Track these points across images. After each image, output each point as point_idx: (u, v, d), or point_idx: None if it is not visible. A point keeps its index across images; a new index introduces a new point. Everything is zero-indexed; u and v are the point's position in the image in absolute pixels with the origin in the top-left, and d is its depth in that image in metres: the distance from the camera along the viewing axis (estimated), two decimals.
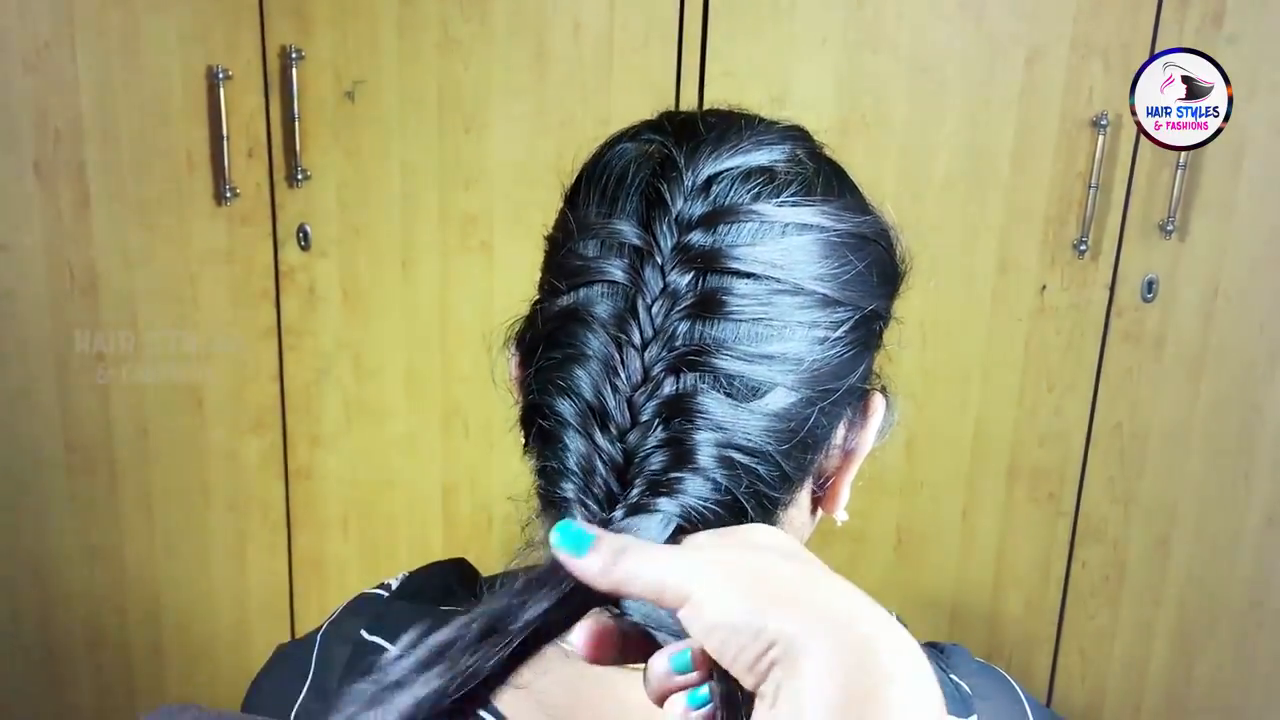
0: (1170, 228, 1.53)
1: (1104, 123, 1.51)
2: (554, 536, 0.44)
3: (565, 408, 0.51)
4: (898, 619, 0.73)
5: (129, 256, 1.66)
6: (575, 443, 0.51)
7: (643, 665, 0.57)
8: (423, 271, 1.67)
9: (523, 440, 0.56)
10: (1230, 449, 1.63)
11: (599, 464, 0.50)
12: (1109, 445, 1.65)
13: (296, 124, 1.60)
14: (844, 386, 0.54)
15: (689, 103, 1.55)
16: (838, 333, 0.52)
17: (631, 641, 0.47)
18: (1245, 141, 1.51)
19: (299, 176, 1.62)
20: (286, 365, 1.72)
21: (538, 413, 0.53)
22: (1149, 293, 1.58)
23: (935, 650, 0.67)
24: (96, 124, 1.61)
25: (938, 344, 1.62)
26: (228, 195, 1.63)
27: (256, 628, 1.82)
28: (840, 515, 0.59)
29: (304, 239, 1.66)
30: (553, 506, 0.52)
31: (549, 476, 0.52)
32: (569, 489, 0.51)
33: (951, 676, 0.64)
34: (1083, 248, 1.56)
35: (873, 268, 0.55)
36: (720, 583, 0.41)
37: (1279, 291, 1.56)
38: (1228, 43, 1.48)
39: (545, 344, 0.53)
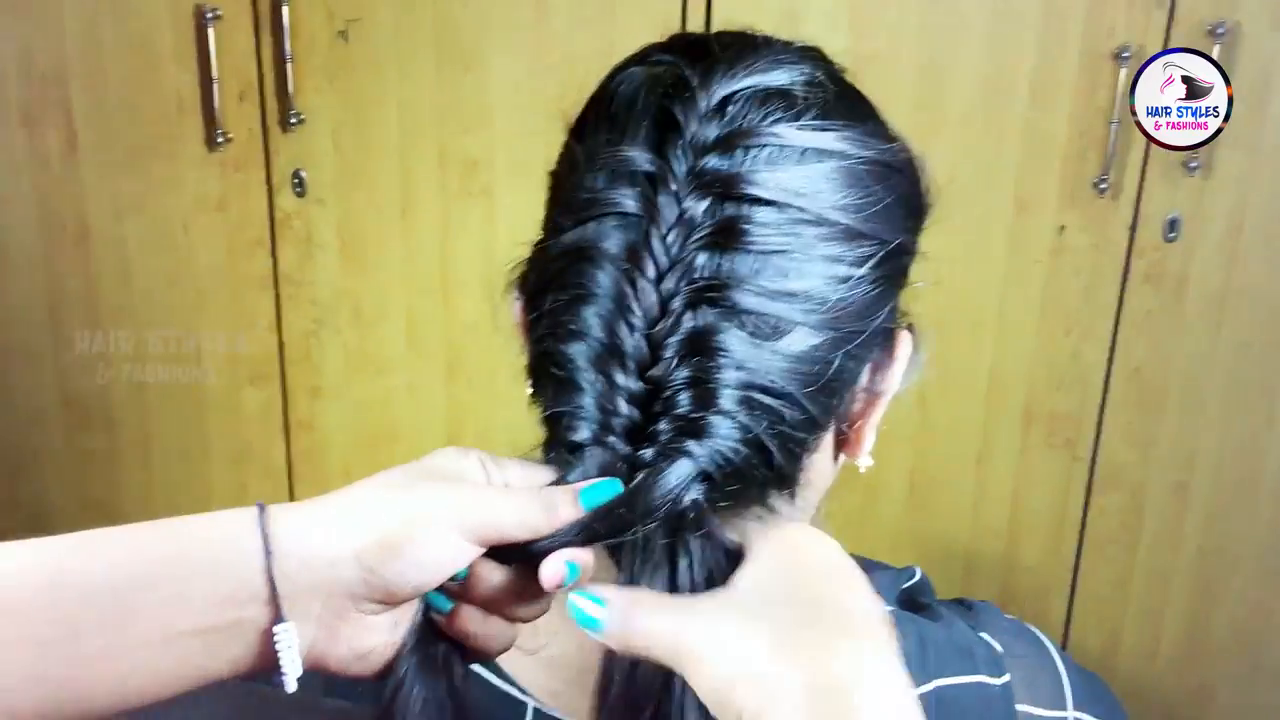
0: (1194, 165, 1.48)
1: (1126, 56, 1.45)
2: (570, 610, 0.44)
3: (578, 350, 0.48)
4: (919, 571, 0.70)
5: (119, 205, 1.62)
6: (592, 384, 0.48)
7: None
8: (422, 218, 1.62)
9: (530, 389, 0.53)
10: (1253, 393, 1.59)
11: (621, 402, 0.48)
12: (1128, 390, 1.61)
13: (289, 65, 1.55)
14: (870, 328, 0.51)
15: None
16: (862, 270, 0.49)
17: None
18: (1272, 73, 1.46)
19: (292, 120, 1.57)
20: (284, 315, 1.68)
21: (548, 360, 0.50)
22: (1171, 232, 1.53)
23: (964, 608, 0.64)
24: (83, 67, 1.56)
25: (952, 286, 1.57)
26: (219, 140, 1.58)
27: None
28: (864, 461, 0.56)
29: (299, 185, 1.61)
30: (566, 452, 0.49)
31: (562, 422, 0.49)
32: (585, 431, 0.48)
33: (982, 635, 0.61)
34: (1103, 186, 1.51)
35: (899, 199, 0.52)
36: (718, 649, 0.41)
37: None
38: None
39: (552, 286, 0.50)
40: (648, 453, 0.47)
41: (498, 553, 0.46)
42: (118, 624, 0.41)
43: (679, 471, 0.47)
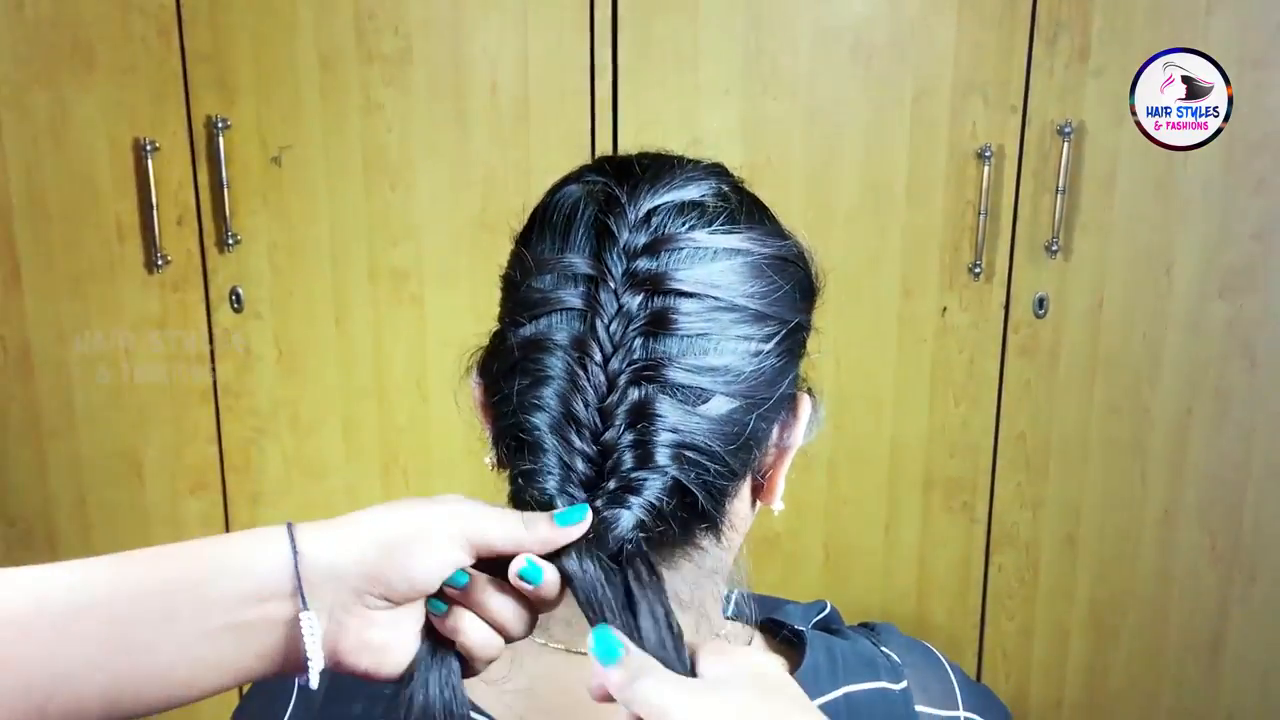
0: (1055, 248, 1.66)
1: (988, 154, 1.63)
2: (591, 640, 0.52)
3: (541, 419, 0.58)
4: (829, 605, 0.81)
5: (62, 328, 1.68)
6: (554, 446, 0.58)
7: None
8: (356, 327, 1.72)
9: (496, 459, 0.63)
10: (1125, 450, 1.75)
11: (578, 461, 0.58)
12: (1015, 453, 1.76)
13: (225, 191, 1.65)
14: (776, 394, 0.62)
15: (604, 153, 1.64)
16: (769, 345, 0.61)
17: None
18: (1116, 166, 1.64)
19: (229, 241, 1.67)
20: (224, 426, 1.75)
21: (515, 429, 0.60)
22: (1040, 309, 1.70)
23: (868, 629, 0.75)
24: (25, 201, 1.64)
25: (850, 367, 1.72)
26: (159, 263, 1.66)
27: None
28: (777, 505, 0.67)
29: (237, 301, 1.70)
30: (535, 504, 0.58)
31: (529, 478, 0.58)
32: (552, 483, 0.58)
33: (883, 649, 0.72)
34: (978, 270, 1.67)
35: (795, 286, 0.63)
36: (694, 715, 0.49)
37: (1156, 302, 1.69)
38: (1094, 76, 1.61)
39: (513, 371, 0.60)
40: (599, 503, 0.57)
41: (489, 566, 0.56)
42: (162, 622, 0.50)
43: (625, 519, 0.57)
